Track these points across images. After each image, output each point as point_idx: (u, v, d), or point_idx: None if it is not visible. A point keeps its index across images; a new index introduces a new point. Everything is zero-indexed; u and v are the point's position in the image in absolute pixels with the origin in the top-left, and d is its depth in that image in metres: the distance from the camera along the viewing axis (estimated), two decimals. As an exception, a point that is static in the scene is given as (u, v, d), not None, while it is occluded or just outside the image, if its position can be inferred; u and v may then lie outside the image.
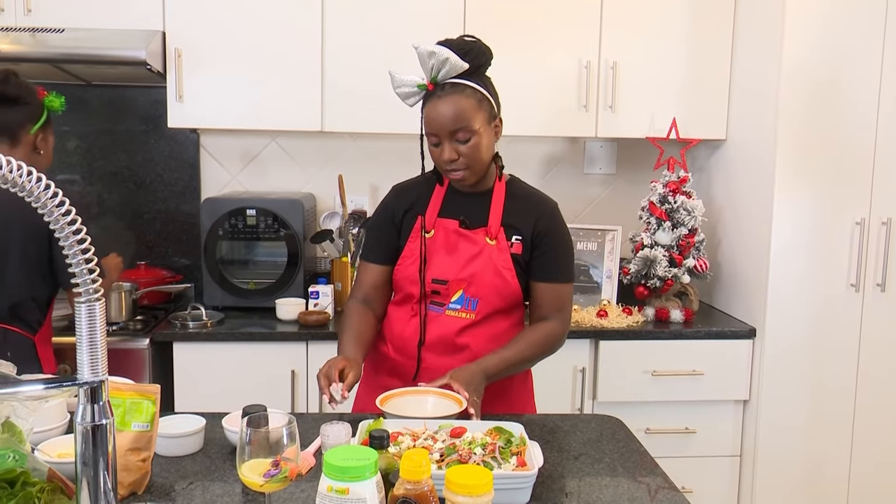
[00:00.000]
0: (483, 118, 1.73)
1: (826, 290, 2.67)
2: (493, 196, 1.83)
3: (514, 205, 1.83)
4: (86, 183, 3.14)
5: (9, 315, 2.13)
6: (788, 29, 2.57)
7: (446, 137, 1.72)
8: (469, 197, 1.84)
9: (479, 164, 1.75)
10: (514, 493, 1.27)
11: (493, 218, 1.81)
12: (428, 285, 1.81)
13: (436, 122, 1.72)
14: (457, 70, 1.70)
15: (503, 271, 1.79)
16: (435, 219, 1.84)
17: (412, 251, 1.84)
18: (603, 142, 3.28)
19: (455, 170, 1.75)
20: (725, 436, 2.81)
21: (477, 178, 1.79)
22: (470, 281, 1.79)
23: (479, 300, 1.80)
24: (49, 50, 2.53)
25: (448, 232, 1.82)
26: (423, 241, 1.83)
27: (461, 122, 1.70)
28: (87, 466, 0.91)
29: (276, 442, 1.12)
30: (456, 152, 1.72)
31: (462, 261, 1.80)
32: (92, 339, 0.89)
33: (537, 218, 1.82)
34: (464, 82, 1.72)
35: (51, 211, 0.83)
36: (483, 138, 1.73)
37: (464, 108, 1.70)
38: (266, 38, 2.77)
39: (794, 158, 2.61)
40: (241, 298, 2.80)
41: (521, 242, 1.81)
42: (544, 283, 1.83)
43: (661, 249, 2.83)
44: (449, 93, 1.71)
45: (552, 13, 2.85)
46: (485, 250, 1.79)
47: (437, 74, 1.71)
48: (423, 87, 1.75)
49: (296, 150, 3.20)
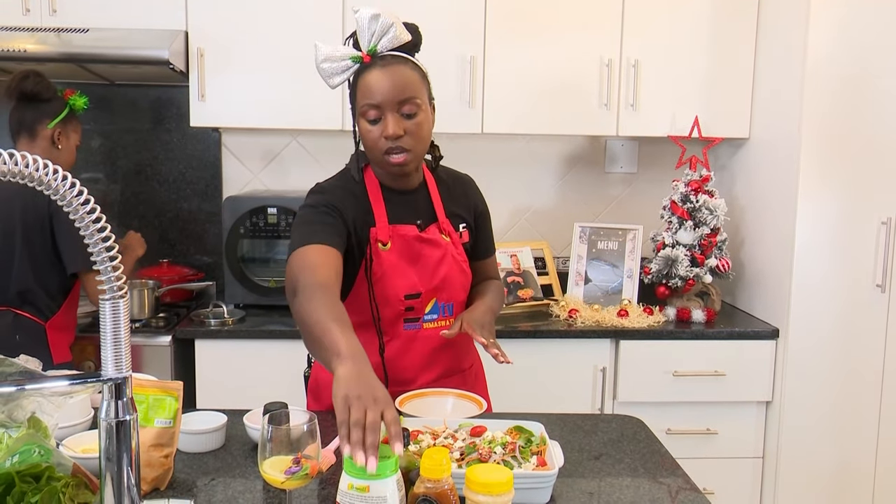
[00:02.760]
0: (426, 97, 1.58)
1: (851, 290, 2.64)
2: (430, 188, 1.70)
3: (449, 192, 1.73)
4: (109, 181, 3.17)
5: (19, 300, 2.20)
6: (813, 24, 2.53)
7: (391, 108, 1.52)
8: (407, 194, 1.67)
9: (422, 146, 1.59)
10: (535, 492, 1.27)
11: (439, 212, 1.69)
12: (401, 303, 1.62)
13: (380, 91, 1.51)
14: (399, 41, 1.54)
15: (463, 265, 1.71)
16: (388, 227, 1.62)
17: (374, 270, 1.61)
18: (624, 140, 3.26)
19: (398, 149, 1.54)
20: (747, 437, 2.78)
21: (417, 164, 1.62)
22: (441, 287, 1.66)
23: (453, 304, 1.70)
24: (74, 50, 2.56)
25: (407, 240, 1.63)
26: (368, 260, 1.60)
27: (409, 92, 1.52)
28: (110, 462, 0.92)
29: (298, 439, 1.13)
30: (402, 128, 1.53)
31: (429, 268, 1.65)
32: (116, 337, 0.89)
33: (473, 199, 1.79)
34: (405, 56, 1.56)
35: (70, 202, 0.84)
36: (427, 118, 1.58)
37: (411, 79, 1.53)
38: (287, 38, 2.78)
39: (819, 156, 2.58)
40: (262, 296, 2.82)
41: (467, 229, 1.75)
42: (487, 259, 1.85)
43: (682, 249, 2.80)
44: (391, 63, 1.53)
45: (573, 11, 2.84)
46: (448, 250, 1.68)
47: (376, 43, 1.53)
48: (357, 60, 1.54)
49: (316, 149, 3.21)
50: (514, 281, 2.90)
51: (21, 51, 2.50)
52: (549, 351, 2.69)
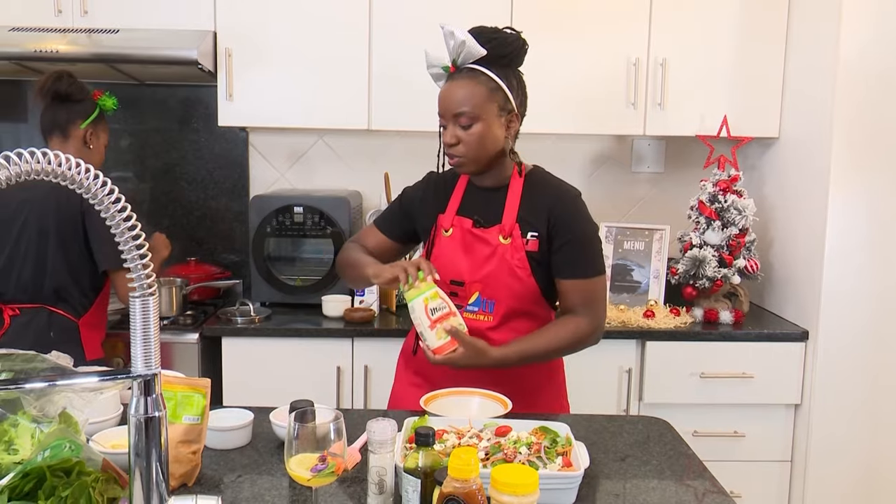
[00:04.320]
0: (493, 109, 1.69)
1: (882, 292, 2.59)
2: (509, 192, 1.77)
3: (532, 199, 1.77)
4: (138, 180, 3.21)
5: (54, 298, 2.24)
6: (846, 20, 2.49)
7: (450, 120, 1.70)
8: (486, 193, 1.80)
9: (478, 153, 1.71)
10: (560, 493, 1.26)
11: (507, 215, 1.75)
12: (446, 286, 1.75)
13: (442, 104, 1.71)
14: (474, 55, 1.68)
15: (517, 271, 1.73)
16: (453, 217, 1.81)
17: (434, 251, 1.83)
18: (651, 140, 3.23)
19: (453, 155, 1.72)
20: (776, 440, 2.75)
21: (477, 168, 1.75)
22: (485, 282, 1.74)
23: (495, 302, 1.74)
24: (104, 50, 2.59)
25: (464, 231, 1.79)
26: (430, 243, 1.84)
27: (465, 106, 1.68)
28: (139, 457, 0.93)
29: (324, 437, 1.13)
30: (455, 137, 1.70)
31: (477, 261, 1.75)
32: (146, 334, 0.90)
33: (551, 210, 1.74)
34: (481, 69, 1.69)
35: (101, 201, 0.85)
36: (488, 128, 1.69)
37: (472, 93, 1.68)
38: (314, 38, 2.79)
39: (850, 156, 2.54)
40: (288, 295, 2.83)
41: (536, 239, 1.74)
42: (568, 280, 1.75)
43: (710, 249, 2.78)
44: (463, 76, 1.70)
45: (600, 9, 2.82)
46: (498, 250, 1.74)
47: (457, 57, 1.70)
48: (446, 69, 1.74)
49: (343, 149, 3.23)
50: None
51: (53, 51, 2.53)
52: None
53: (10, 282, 2.23)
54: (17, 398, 1.29)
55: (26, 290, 2.23)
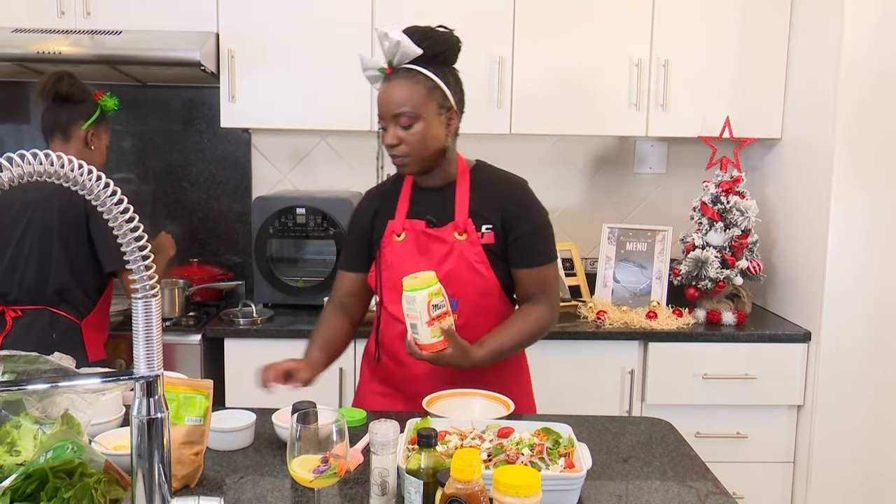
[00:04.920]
0: (433, 107, 1.70)
1: (885, 293, 2.59)
2: (457, 188, 1.79)
3: (481, 193, 1.79)
4: (141, 181, 3.22)
5: (56, 299, 2.23)
6: (848, 20, 2.49)
7: (389, 121, 1.70)
8: (433, 193, 1.81)
9: (421, 152, 1.72)
10: (563, 494, 1.26)
11: (458, 211, 1.77)
12: None
13: (382, 105, 1.71)
14: (410, 55, 1.69)
15: (477, 265, 1.75)
16: (403, 221, 1.80)
17: (385, 257, 1.81)
18: (653, 141, 3.23)
19: (396, 156, 1.73)
20: (778, 441, 2.74)
21: (420, 167, 1.75)
22: (446, 281, 1.71)
23: (458, 299, 1.75)
24: (107, 51, 2.60)
25: (417, 233, 1.78)
26: (379, 250, 1.81)
27: (404, 106, 1.68)
28: (142, 459, 0.93)
29: (326, 438, 1.13)
30: (397, 137, 1.70)
31: (435, 261, 1.75)
32: (148, 335, 0.90)
33: (504, 202, 1.78)
34: (417, 68, 1.70)
35: (104, 202, 0.85)
36: (428, 127, 1.70)
37: (411, 93, 1.68)
38: (316, 40, 2.79)
39: (853, 156, 2.54)
40: (291, 296, 2.83)
41: (492, 231, 1.76)
42: (524, 269, 1.78)
43: (712, 250, 2.77)
44: (401, 77, 1.70)
45: (602, 10, 2.82)
46: (455, 246, 1.75)
47: (392, 58, 1.71)
48: (382, 70, 1.74)
49: (345, 150, 3.23)
50: (541, 282, 2.88)
51: (56, 52, 2.54)
52: (576, 353, 2.67)
53: (13, 283, 2.23)
54: (19, 399, 1.30)
55: (29, 291, 2.23)
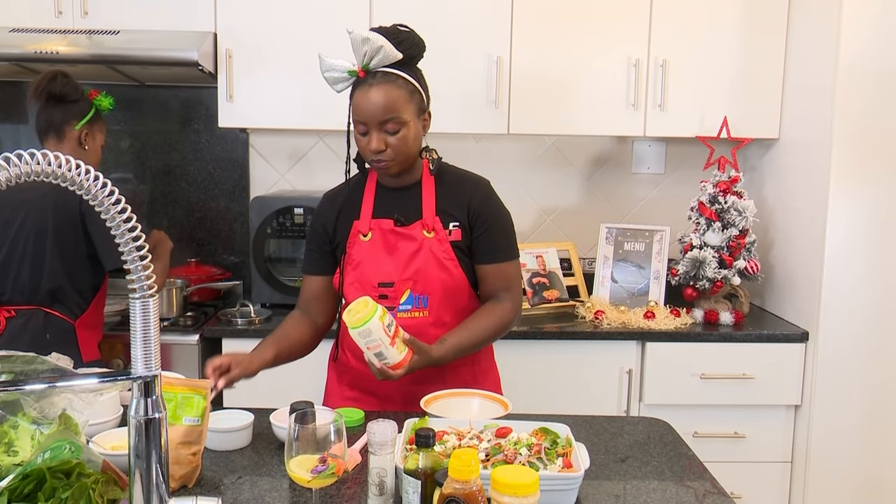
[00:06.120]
0: (413, 110, 1.71)
1: (883, 293, 2.59)
2: (423, 187, 1.80)
3: (446, 191, 1.80)
4: (138, 181, 3.21)
5: (49, 299, 2.23)
6: (846, 20, 2.49)
7: (375, 127, 1.69)
8: (399, 192, 1.81)
9: (405, 155, 1.73)
10: (561, 494, 1.26)
11: (426, 209, 1.77)
12: (374, 290, 1.75)
13: (366, 111, 1.68)
14: (390, 59, 1.68)
15: (445, 262, 1.76)
16: (370, 220, 1.80)
17: (351, 257, 1.79)
18: (651, 141, 3.23)
19: (380, 160, 1.72)
20: (776, 441, 2.74)
21: (401, 169, 1.76)
22: (415, 279, 1.74)
23: (428, 297, 1.76)
24: (104, 51, 2.59)
25: (384, 232, 1.78)
26: (344, 251, 1.80)
27: (392, 112, 1.67)
28: (139, 459, 0.93)
29: (324, 438, 1.13)
30: (384, 143, 1.69)
31: (403, 259, 1.76)
32: (146, 335, 0.90)
33: (469, 200, 1.79)
34: (396, 72, 1.69)
35: (101, 202, 0.85)
36: (412, 130, 1.71)
37: (395, 98, 1.67)
38: (314, 39, 2.79)
39: (851, 157, 2.54)
40: (289, 296, 2.83)
41: (459, 228, 1.78)
42: (488, 265, 1.80)
43: (710, 250, 2.78)
44: (381, 81, 1.67)
45: (601, 10, 2.81)
46: (424, 244, 1.76)
47: (369, 62, 1.67)
48: (353, 74, 1.71)
49: (343, 150, 3.22)
50: (539, 282, 2.89)
51: (53, 52, 2.53)
52: (574, 352, 2.67)
53: (7, 283, 2.22)
54: (17, 400, 1.29)
55: (23, 291, 2.22)
